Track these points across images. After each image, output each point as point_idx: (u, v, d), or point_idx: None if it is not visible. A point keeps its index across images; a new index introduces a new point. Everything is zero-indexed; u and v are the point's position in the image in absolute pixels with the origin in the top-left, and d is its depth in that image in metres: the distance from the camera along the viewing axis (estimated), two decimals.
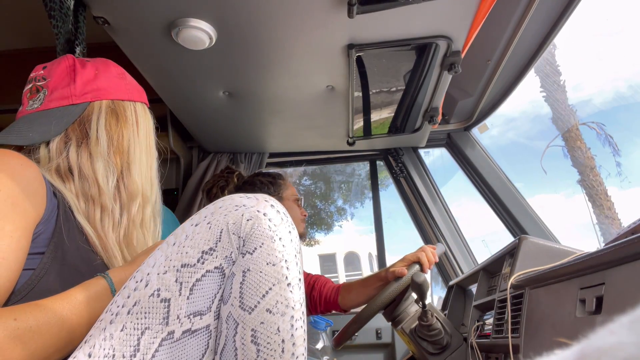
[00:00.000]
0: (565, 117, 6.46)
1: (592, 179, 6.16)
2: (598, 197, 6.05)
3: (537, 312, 0.80)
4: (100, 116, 0.79)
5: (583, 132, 6.33)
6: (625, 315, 0.18)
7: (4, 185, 0.59)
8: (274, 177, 1.61)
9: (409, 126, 1.85)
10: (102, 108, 0.80)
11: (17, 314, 0.52)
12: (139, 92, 0.89)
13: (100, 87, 0.81)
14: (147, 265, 0.57)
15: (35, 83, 0.81)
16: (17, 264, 0.58)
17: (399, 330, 1.24)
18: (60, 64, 0.82)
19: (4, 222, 0.57)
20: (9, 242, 0.57)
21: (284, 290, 0.55)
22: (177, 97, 1.63)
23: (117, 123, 0.80)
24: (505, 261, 1.09)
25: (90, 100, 0.80)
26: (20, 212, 0.60)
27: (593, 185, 6.13)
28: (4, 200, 0.58)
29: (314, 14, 1.17)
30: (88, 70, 0.82)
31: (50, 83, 0.79)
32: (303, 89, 1.57)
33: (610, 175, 6.17)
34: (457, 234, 2.03)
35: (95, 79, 0.81)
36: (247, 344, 0.53)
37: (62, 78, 0.80)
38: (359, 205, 6.88)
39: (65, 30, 1.09)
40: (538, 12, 1.29)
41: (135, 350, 0.51)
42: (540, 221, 1.73)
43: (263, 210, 0.58)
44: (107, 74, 0.84)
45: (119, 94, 0.83)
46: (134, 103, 0.85)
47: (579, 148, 6.22)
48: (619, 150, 6.30)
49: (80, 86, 0.79)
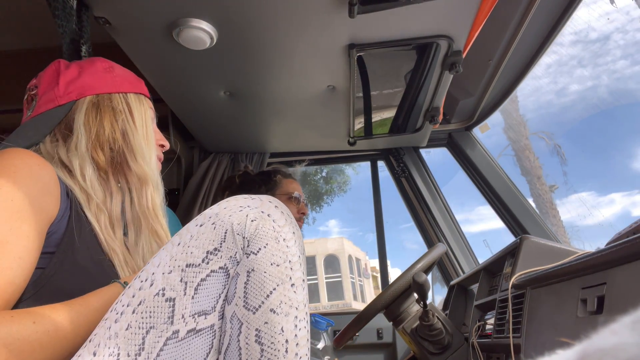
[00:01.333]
0: (516, 127, 6.54)
1: (538, 187, 6.23)
2: (544, 205, 6.13)
3: (539, 312, 0.80)
4: (80, 112, 0.79)
5: (532, 142, 6.45)
6: (626, 315, 0.19)
7: (22, 185, 0.60)
8: (268, 175, 1.61)
9: (410, 126, 1.85)
10: (84, 104, 0.80)
11: (36, 317, 0.53)
12: (132, 83, 0.88)
13: (83, 84, 0.81)
14: (152, 264, 0.57)
15: (30, 92, 0.83)
16: (31, 264, 0.59)
17: (400, 330, 1.24)
18: (47, 70, 0.83)
19: (21, 222, 0.58)
20: (25, 242, 0.58)
21: (287, 290, 0.56)
22: (178, 97, 1.63)
23: (97, 116, 0.80)
24: (506, 261, 1.09)
25: (75, 99, 0.80)
26: (37, 212, 0.61)
27: (539, 194, 6.20)
28: (22, 200, 0.59)
29: (315, 14, 1.17)
30: (71, 70, 0.82)
31: (40, 90, 0.81)
32: (304, 88, 1.57)
33: (556, 184, 6.33)
34: (458, 233, 2.04)
35: (79, 77, 0.82)
36: (251, 343, 0.53)
37: (49, 83, 0.81)
38: (325, 206, 7.02)
39: (70, 30, 1.09)
40: (539, 11, 1.29)
41: (140, 349, 0.51)
42: (541, 221, 1.73)
43: (267, 211, 0.59)
44: (91, 69, 0.84)
45: (103, 87, 0.83)
46: (124, 94, 0.84)
47: (527, 157, 6.31)
48: (566, 160, 6.48)
49: (63, 87, 0.80)
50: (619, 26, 7.71)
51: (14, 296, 0.56)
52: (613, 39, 8.35)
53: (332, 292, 14.25)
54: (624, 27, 7.60)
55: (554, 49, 1.45)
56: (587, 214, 6.18)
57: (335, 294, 13.85)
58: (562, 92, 10.39)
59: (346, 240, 15.08)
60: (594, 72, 8.53)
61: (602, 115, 7.58)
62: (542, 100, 9.29)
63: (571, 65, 8.92)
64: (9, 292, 0.55)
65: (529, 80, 1.65)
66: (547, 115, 8.84)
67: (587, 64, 8.46)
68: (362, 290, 14.95)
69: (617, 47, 8.01)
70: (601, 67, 8.25)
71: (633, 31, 6.92)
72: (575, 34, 6.96)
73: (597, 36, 8.59)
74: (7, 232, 0.56)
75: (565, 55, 7.89)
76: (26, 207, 0.59)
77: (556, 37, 1.41)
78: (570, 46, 7.58)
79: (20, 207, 0.58)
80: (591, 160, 10.34)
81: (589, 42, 8.65)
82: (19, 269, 0.56)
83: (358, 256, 15.12)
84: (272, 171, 1.65)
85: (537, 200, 6.21)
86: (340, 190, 7.00)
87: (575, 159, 6.84)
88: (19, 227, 0.57)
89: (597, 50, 8.67)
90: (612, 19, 7.53)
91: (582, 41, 8.42)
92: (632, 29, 6.93)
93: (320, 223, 7.83)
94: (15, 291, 0.56)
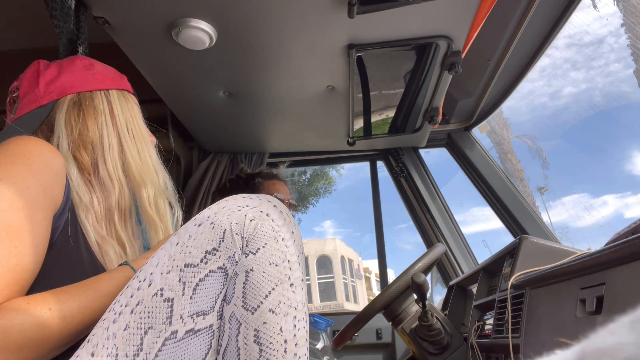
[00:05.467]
0: (499, 130, 6.59)
1: (521, 190, 6.30)
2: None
3: (538, 312, 0.80)
4: (61, 111, 0.78)
5: (515, 145, 6.51)
6: (625, 315, 0.19)
7: (36, 173, 0.60)
8: (252, 177, 1.62)
9: (410, 126, 1.85)
10: (65, 103, 0.79)
11: (51, 304, 0.55)
12: (114, 80, 0.86)
13: (63, 83, 0.80)
14: (150, 264, 0.57)
15: (12, 95, 0.82)
16: (43, 252, 0.60)
17: (399, 330, 1.24)
18: (27, 71, 0.83)
19: (36, 210, 0.58)
20: (39, 230, 0.58)
21: (286, 290, 0.56)
22: (177, 97, 1.63)
23: (79, 115, 0.79)
24: (505, 261, 1.09)
25: (56, 98, 0.79)
26: (48, 201, 0.61)
27: (522, 196, 6.29)
28: (36, 188, 0.59)
29: (314, 14, 1.17)
30: (51, 70, 0.82)
31: (20, 91, 0.80)
32: (303, 89, 1.57)
33: (545, 186, 6.40)
34: (458, 234, 2.04)
35: (59, 76, 0.81)
36: (249, 344, 0.53)
37: (29, 84, 0.80)
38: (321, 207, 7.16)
39: (67, 30, 1.09)
40: (538, 12, 1.29)
41: (138, 349, 0.51)
42: (540, 221, 1.74)
43: (266, 211, 0.58)
44: (70, 68, 0.83)
45: (84, 85, 0.82)
46: (106, 91, 0.83)
47: (509, 160, 6.35)
48: (547, 164, 6.57)
49: (43, 87, 0.79)
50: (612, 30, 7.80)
51: (29, 282, 0.57)
52: (607, 42, 8.45)
53: (324, 293, 14.24)
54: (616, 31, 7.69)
55: (549, 52, 1.46)
56: (580, 215, 6.29)
57: (328, 294, 13.86)
58: (556, 94, 10.50)
59: (339, 241, 15.09)
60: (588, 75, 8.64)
61: (593, 118, 7.70)
62: (536, 103, 9.40)
63: (565, 68, 9.04)
64: (25, 278, 0.56)
65: (523, 82, 1.65)
66: (538, 118, 8.93)
67: (580, 67, 8.58)
68: (355, 291, 14.95)
69: (611, 50, 8.12)
70: (595, 69, 8.36)
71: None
72: (569, 37, 7.07)
73: (591, 39, 8.69)
74: (23, 219, 0.56)
75: (559, 59, 8.01)
76: (40, 195, 0.60)
77: (556, 37, 1.41)
78: (564, 49, 7.69)
79: (35, 195, 0.59)
80: (582, 162, 10.51)
81: (583, 45, 8.76)
82: (33, 256, 0.57)
83: (351, 257, 15.12)
84: (255, 174, 1.65)
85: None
86: (326, 192, 7.09)
87: (570, 160, 7.01)
88: (34, 215, 0.58)
89: (590, 54, 8.80)
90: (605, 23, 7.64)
91: (576, 44, 8.54)
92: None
93: (315, 224, 7.84)
94: (30, 278, 0.57)
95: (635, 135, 8.53)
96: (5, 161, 0.59)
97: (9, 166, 0.59)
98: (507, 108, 5.94)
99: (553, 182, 6.77)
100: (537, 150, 6.66)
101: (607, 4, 3.07)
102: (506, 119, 6.64)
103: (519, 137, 6.71)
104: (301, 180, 6.92)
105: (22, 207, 0.57)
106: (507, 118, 6.51)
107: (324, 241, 15.21)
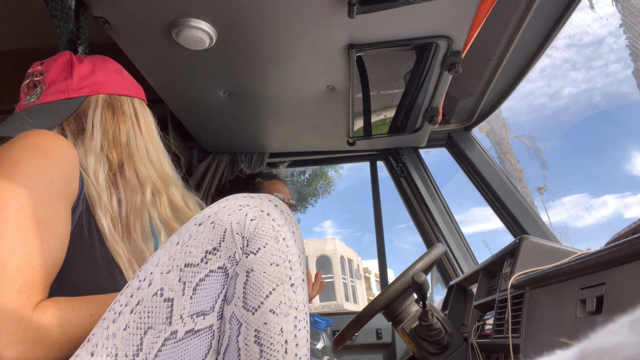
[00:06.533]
0: (498, 130, 6.63)
1: (520, 190, 6.32)
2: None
3: (538, 312, 0.80)
4: (96, 110, 0.79)
5: (513, 145, 6.56)
6: (625, 315, 0.19)
7: (58, 167, 0.61)
8: (252, 177, 1.62)
9: (410, 126, 1.85)
10: (98, 102, 0.80)
11: (94, 310, 0.58)
12: (137, 89, 0.89)
13: (97, 81, 0.81)
14: (150, 264, 0.57)
15: (33, 78, 0.81)
16: (67, 245, 0.61)
17: (399, 330, 1.24)
18: (58, 59, 0.82)
19: (60, 205, 0.59)
20: (64, 224, 0.60)
21: (287, 290, 0.55)
22: (177, 97, 1.63)
23: (114, 117, 0.80)
24: (505, 261, 1.09)
25: (87, 94, 0.80)
26: (68, 195, 0.63)
27: (522, 197, 6.32)
28: (59, 182, 0.60)
29: (314, 14, 1.17)
30: (85, 65, 0.82)
31: (47, 78, 0.80)
32: (303, 89, 1.57)
33: (545, 186, 6.44)
34: (458, 234, 2.04)
35: (92, 73, 0.82)
36: (250, 344, 0.53)
37: (60, 73, 0.80)
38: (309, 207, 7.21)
39: (67, 30, 1.09)
40: (538, 11, 1.29)
41: (138, 349, 0.51)
42: (540, 221, 1.74)
43: (267, 210, 0.58)
44: (104, 69, 0.84)
45: (116, 88, 0.83)
46: (132, 98, 0.86)
47: (508, 160, 6.39)
48: (546, 164, 6.60)
49: (77, 80, 0.79)
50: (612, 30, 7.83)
51: (55, 276, 0.58)
52: (606, 42, 8.49)
53: (324, 293, 14.23)
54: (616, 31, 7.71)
55: (549, 52, 1.46)
56: (580, 216, 6.32)
57: (327, 294, 13.85)
58: (555, 95, 10.57)
59: (339, 241, 15.07)
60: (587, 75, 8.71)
61: (594, 118, 7.77)
62: (535, 103, 9.49)
63: (565, 68, 9.09)
64: (54, 272, 0.57)
65: (523, 82, 1.65)
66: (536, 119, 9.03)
67: (580, 67, 8.64)
68: (354, 291, 14.94)
69: (611, 50, 8.15)
70: (595, 70, 8.41)
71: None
72: (569, 37, 7.09)
73: (591, 39, 8.72)
74: (50, 214, 0.57)
75: (559, 59, 8.04)
76: (62, 189, 0.60)
77: (556, 37, 1.41)
78: (564, 49, 7.71)
79: (59, 189, 0.60)
80: (582, 162, 10.60)
81: (583, 46, 8.80)
82: (61, 250, 0.58)
83: (350, 257, 15.11)
84: (255, 174, 1.65)
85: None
86: (325, 192, 7.14)
87: (570, 160, 7.11)
88: (59, 209, 0.59)
89: (590, 54, 8.84)
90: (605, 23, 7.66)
91: (576, 44, 8.58)
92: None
93: (315, 224, 7.94)
94: (57, 271, 0.58)
95: (635, 136, 8.61)
96: (27, 155, 0.60)
97: (31, 160, 0.59)
98: (507, 108, 5.98)
99: (553, 182, 6.79)
100: (536, 151, 6.69)
101: (606, 4, 3.08)
102: (505, 119, 6.68)
103: (518, 138, 6.75)
104: (300, 180, 6.94)
105: (48, 201, 0.57)
106: (506, 118, 6.53)
107: (324, 241, 15.20)
